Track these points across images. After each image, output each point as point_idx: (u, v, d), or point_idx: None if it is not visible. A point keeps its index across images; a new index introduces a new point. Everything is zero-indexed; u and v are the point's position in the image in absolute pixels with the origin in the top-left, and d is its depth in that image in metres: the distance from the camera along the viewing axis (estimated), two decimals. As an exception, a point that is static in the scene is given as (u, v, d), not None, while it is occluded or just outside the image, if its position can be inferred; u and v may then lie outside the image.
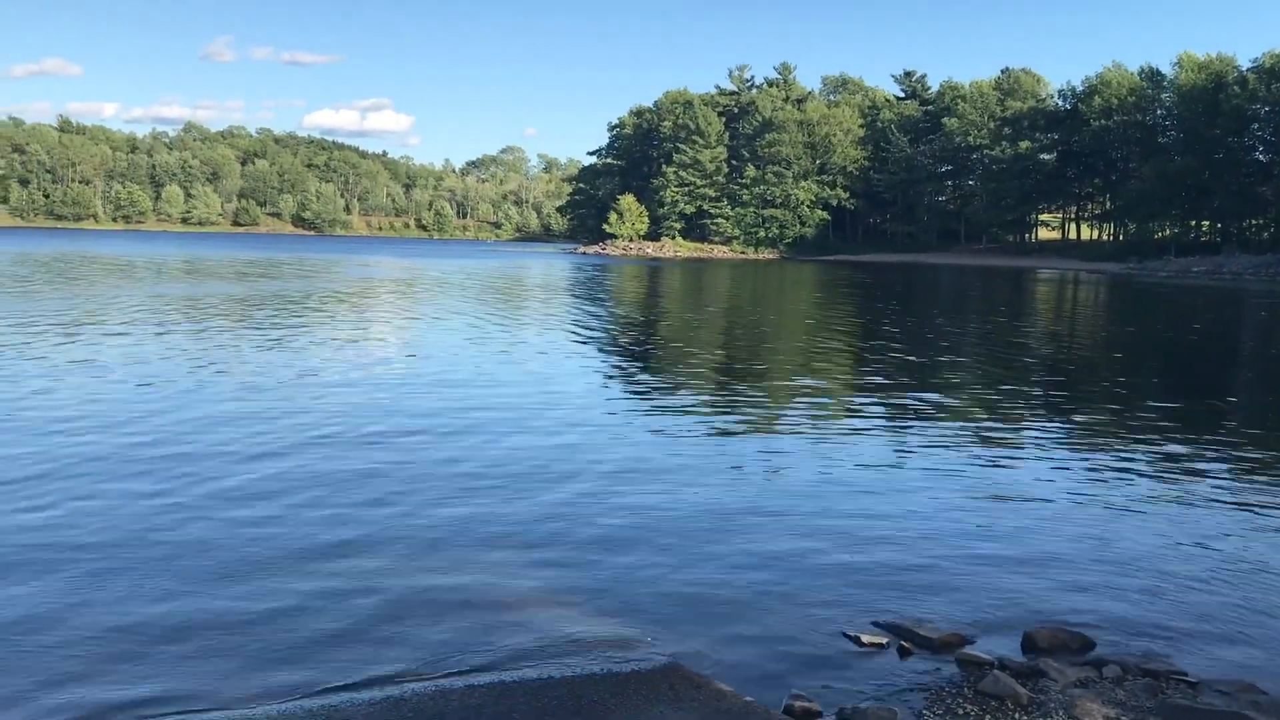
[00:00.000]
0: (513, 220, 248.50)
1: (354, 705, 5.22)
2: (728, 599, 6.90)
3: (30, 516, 8.22)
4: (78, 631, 6.06)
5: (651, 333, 27.96)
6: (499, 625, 6.31)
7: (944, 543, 8.32)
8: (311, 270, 58.35)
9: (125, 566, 7.13)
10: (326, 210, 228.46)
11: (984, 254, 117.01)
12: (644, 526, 8.48)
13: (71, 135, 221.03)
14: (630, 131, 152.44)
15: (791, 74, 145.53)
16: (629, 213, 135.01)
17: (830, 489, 10.01)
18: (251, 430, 11.83)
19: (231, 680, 5.49)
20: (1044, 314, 40.63)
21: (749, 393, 16.65)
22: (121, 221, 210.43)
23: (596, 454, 11.21)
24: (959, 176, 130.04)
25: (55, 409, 12.81)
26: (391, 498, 9.12)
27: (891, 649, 6.23)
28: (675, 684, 5.55)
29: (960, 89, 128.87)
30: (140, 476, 9.57)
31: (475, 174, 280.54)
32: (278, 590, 6.79)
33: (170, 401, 13.61)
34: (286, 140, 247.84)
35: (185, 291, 37.09)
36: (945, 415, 14.61)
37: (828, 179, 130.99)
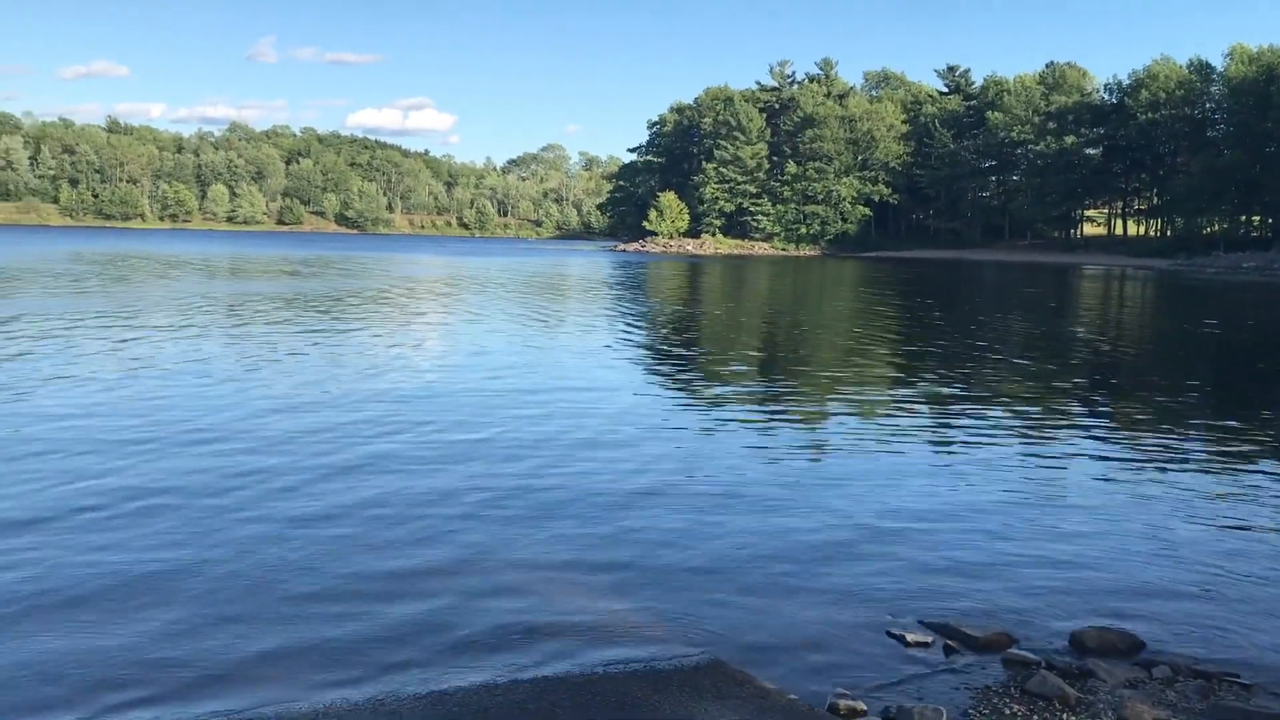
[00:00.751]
0: (553, 218, 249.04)
1: (399, 700, 5.25)
2: (771, 597, 6.87)
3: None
4: (166, 627, 6.14)
5: (695, 330, 27.92)
6: (542, 623, 6.33)
7: (989, 541, 8.24)
8: (360, 269, 58.83)
9: (193, 556, 7.23)
10: (369, 209, 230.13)
11: (1028, 250, 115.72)
12: (685, 524, 8.46)
13: (119, 136, 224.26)
14: (670, 128, 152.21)
15: (833, 69, 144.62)
16: (669, 210, 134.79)
17: (873, 487, 9.94)
18: (323, 430, 11.95)
19: (278, 677, 5.54)
20: (1090, 310, 40.13)
21: (791, 390, 16.59)
22: (168, 220, 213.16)
23: (637, 450, 11.21)
24: (1003, 172, 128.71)
25: (137, 405, 13.00)
26: (440, 496, 9.16)
27: (937, 648, 6.17)
28: (718, 681, 5.54)
29: (1004, 83, 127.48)
30: (217, 483, 9.70)
31: (516, 172, 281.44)
32: (325, 588, 6.84)
33: (232, 399, 13.78)
34: (330, 139, 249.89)
35: (243, 290, 37.55)
36: (990, 413, 14.46)
37: (870, 175, 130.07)
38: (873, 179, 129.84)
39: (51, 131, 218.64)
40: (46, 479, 9.27)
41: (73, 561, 7.15)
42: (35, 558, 7.19)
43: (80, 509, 8.37)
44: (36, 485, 9.05)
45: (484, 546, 7.73)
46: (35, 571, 6.93)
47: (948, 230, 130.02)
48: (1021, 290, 53.31)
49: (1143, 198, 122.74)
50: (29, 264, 51.23)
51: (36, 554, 7.26)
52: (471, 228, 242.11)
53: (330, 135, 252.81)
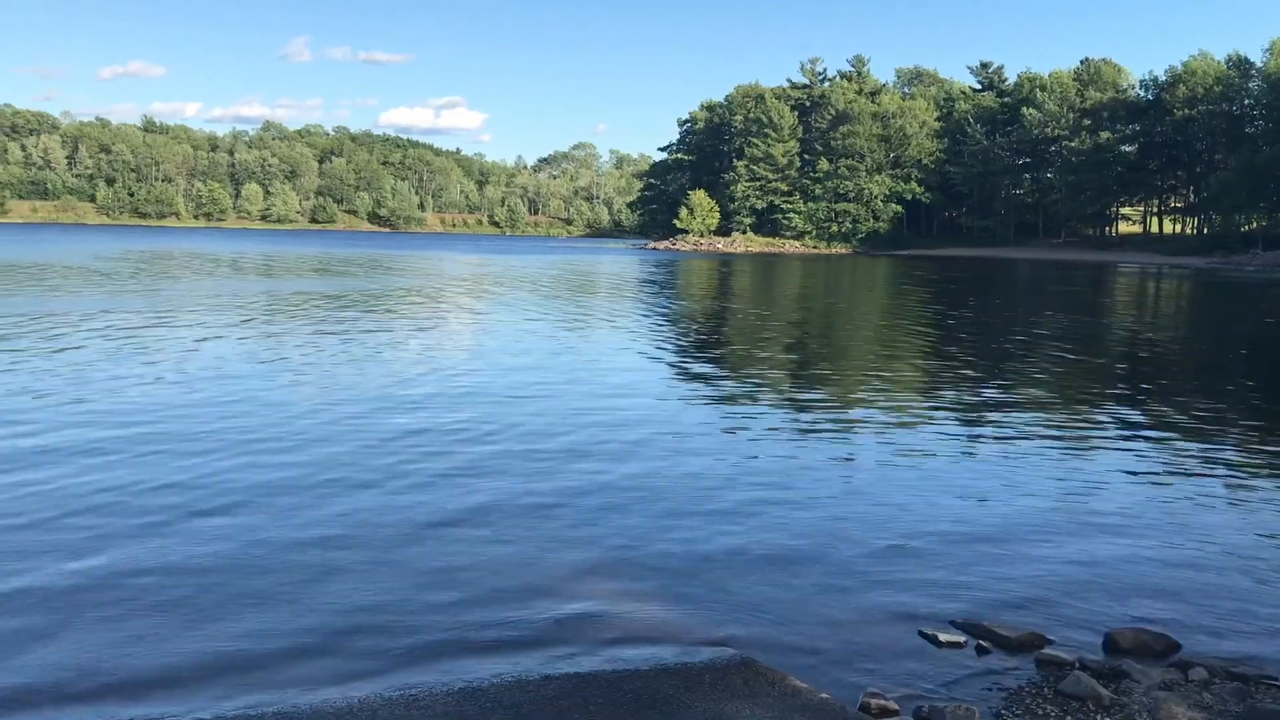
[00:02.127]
0: (584, 216, 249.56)
1: (433, 694, 5.29)
2: (803, 596, 6.87)
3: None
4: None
5: (727, 330, 27.91)
6: (574, 619, 6.35)
7: (1021, 540, 8.19)
8: (397, 267, 59.17)
9: (242, 547, 7.32)
10: (402, 207, 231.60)
11: (1062, 248, 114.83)
12: (717, 523, 8.46)
13: (155, 135, 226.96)
14: (701, 126, 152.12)
15: (865, 66, 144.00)
16: (699, 208, 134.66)
17: (905, 486, 9.90)
18: (367, 424, 12.06)
19: (310, 670, 5.60)
20: (1126, 309, 39.75)
21: (824, 388, 16.56)
22: (203, 219, 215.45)
23: (669, 449, 11.22)
24: (1037, 169, 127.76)
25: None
26: (466, 491, 9.21)
27: (969, 648, 6.14)
28: (749, 679, 5.54)
29: (1039, 79, 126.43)
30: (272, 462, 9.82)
31: (547, 170, 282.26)
32: (358, 582, 6.90)
33: (281, 397, 13.93)
34: (362, 138, 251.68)
35: (288, 287, 37.87)
36: (1022, 412, 14.36)
37: (902, 172, 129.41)
38: (905, 176, 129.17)
39: (89, 131, 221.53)
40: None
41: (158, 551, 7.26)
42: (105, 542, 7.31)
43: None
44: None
45: (515, 543, 7.76)
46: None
47: (981, 228, 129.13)
48: (1056, 289, 52.88)
49: (1179, 195, 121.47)
50: (84, 262, 51.91)
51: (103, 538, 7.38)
52: (502, 226, 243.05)
53: (363, 134, 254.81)
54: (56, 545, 7.43)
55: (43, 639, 5.87)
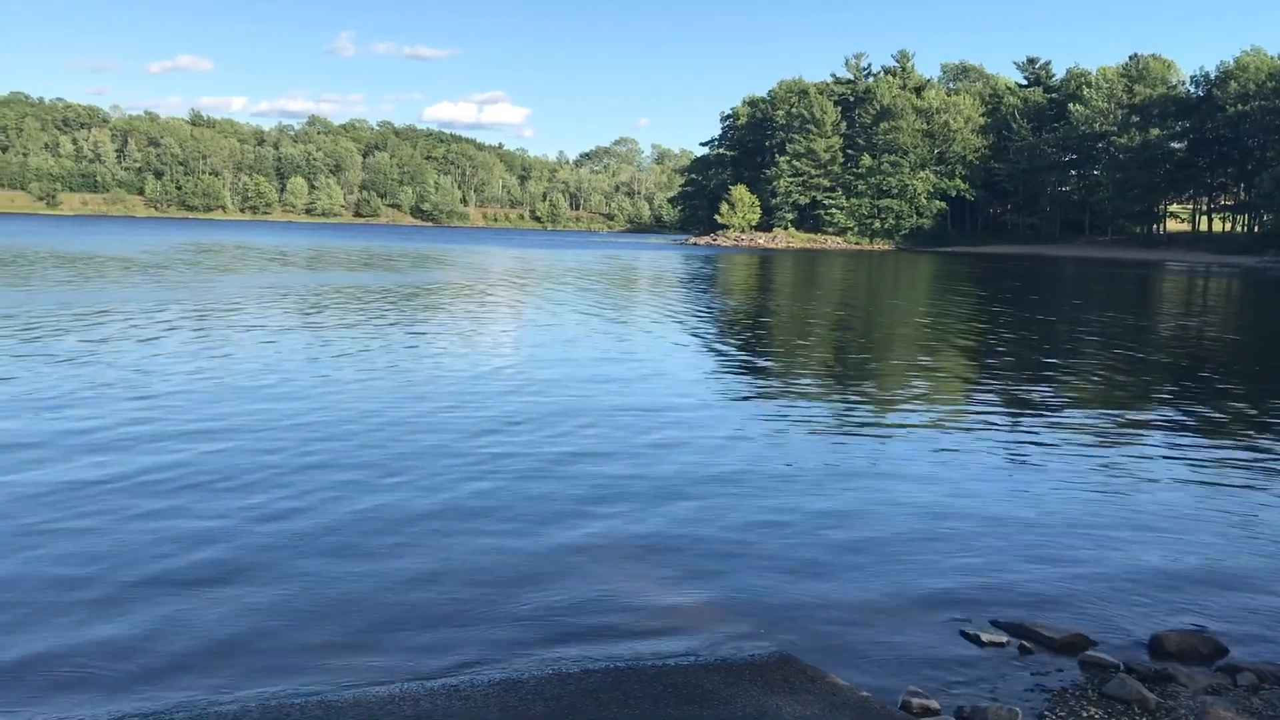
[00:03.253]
0: (625, 211, 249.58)
1: (474, 686, 5.33)
2: (843, 593, 6.84)
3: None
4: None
5: (768, 325, 27.83)
6: (614, 614, 6.37)
7: (1065, 539, 8.11)
8: (443, 262, 59.54)
9: (274, 544, 7.42)
10: (444, 202, 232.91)
11: (1109, 246, 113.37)
12: (757, 518, 8.45)
13: (202, 129, 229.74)
14: (744, 121, 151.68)
15: (910, 62, 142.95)
16: (741, 203, 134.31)
17: (947, 484, 9.83)
18: (411, 420, 12.17)
19: (354, 662, 5.66)
20: (1173, 308, 39.18)
21: (864, 386, 16.48)
22: (249, 212, 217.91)
23: (710, 449, 11.21)
24: (1084, 166, 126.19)
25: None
26: (507, 485, 9.26)
27: (1011, 648, 6.09)
28: (789, 675, 5.53)
29: (1086, 75, 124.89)
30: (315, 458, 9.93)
31: (588, 165, 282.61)
32: (401, 573, 6.96)
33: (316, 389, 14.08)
34: (406, 133, 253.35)
35: (343, 281, 38.25)
36: (1067, 411, 14.21)
37: (946, 168, 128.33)
38: (949, 173, 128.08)
39: (138, 125, 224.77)
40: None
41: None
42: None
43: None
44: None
45: (555, 536, 7.80)
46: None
47: (1026, 225, 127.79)
48: (1102, 287, 52.24)
49: (1229, 193, 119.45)
50: (141, 255, 52.72)
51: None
52: (544, 221, 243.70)
53: (406, 129, 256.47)
54: (121, 547, 7.56)
55: (103, 617, 5.99)
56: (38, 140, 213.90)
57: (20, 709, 5.01)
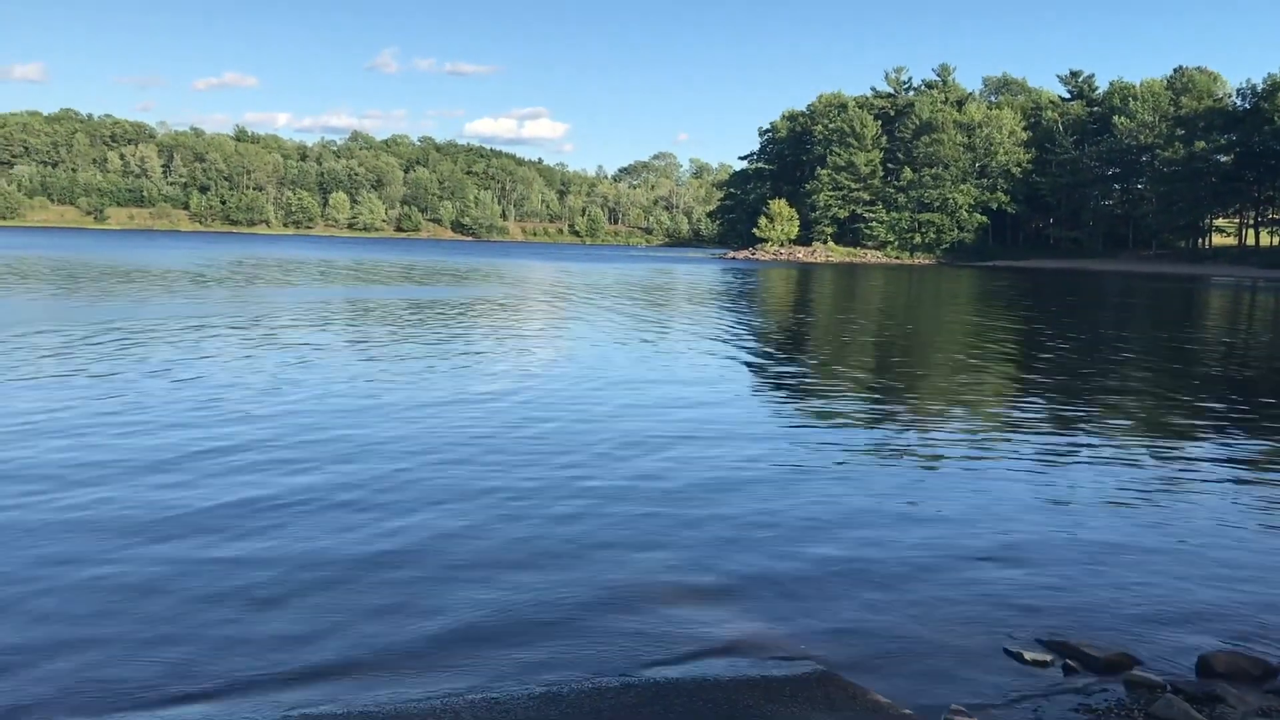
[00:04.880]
0: (663, 225, 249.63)
1: (514, 698, 5.35)
2: (885, 610, 6.80)
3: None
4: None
5: (811, 342, 27.75)
6: (653, 628, 6.37)
7: (1109, 557, 8.01)
8: (487, 276, 59.89)
9: (329, 548, 7.49)
10: (484, 216, 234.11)
11: (1153, 261, 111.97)
12: (796, 534, 8.42)
13: (247, 144, 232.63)
14: (783, 135, 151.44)
15: (951, 75, 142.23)
16: (780, 217, 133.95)
17: (988, 501, 9.74)
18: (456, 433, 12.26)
19: (395, 670, 5.69)
20: (1219, 324, 38.62)
21: (904, 403, 16.39)
22: (291, 226, 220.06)
23: (746, 459, 11.19)
24: (1127, 179, 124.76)
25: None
26: (551, 501, 9.29)
27: (1056, 667, 6.02)
28: (830, 692, 5.50)
29: (1130, 88, 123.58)
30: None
31: (627, 180, 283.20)
32: (443, 584, 7.00)
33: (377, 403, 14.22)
34: (447, 148, 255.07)
35: (391, 295, 38.62)
36: (1111, 431, 14.04)
37: (987, 182, 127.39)
38: (990, 186, 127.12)
39: (183, 140, 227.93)
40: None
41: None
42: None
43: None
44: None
45: (595, 551, 7.81)
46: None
47: (1068, 239, 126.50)
48: (1146, 302, 51.61)
49: (1277, 206, 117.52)
50: (197, 268, 53.51)
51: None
52: (583, 235, 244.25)
53: (447, 144, 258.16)
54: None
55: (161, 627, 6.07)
56: (86, 156, 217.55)
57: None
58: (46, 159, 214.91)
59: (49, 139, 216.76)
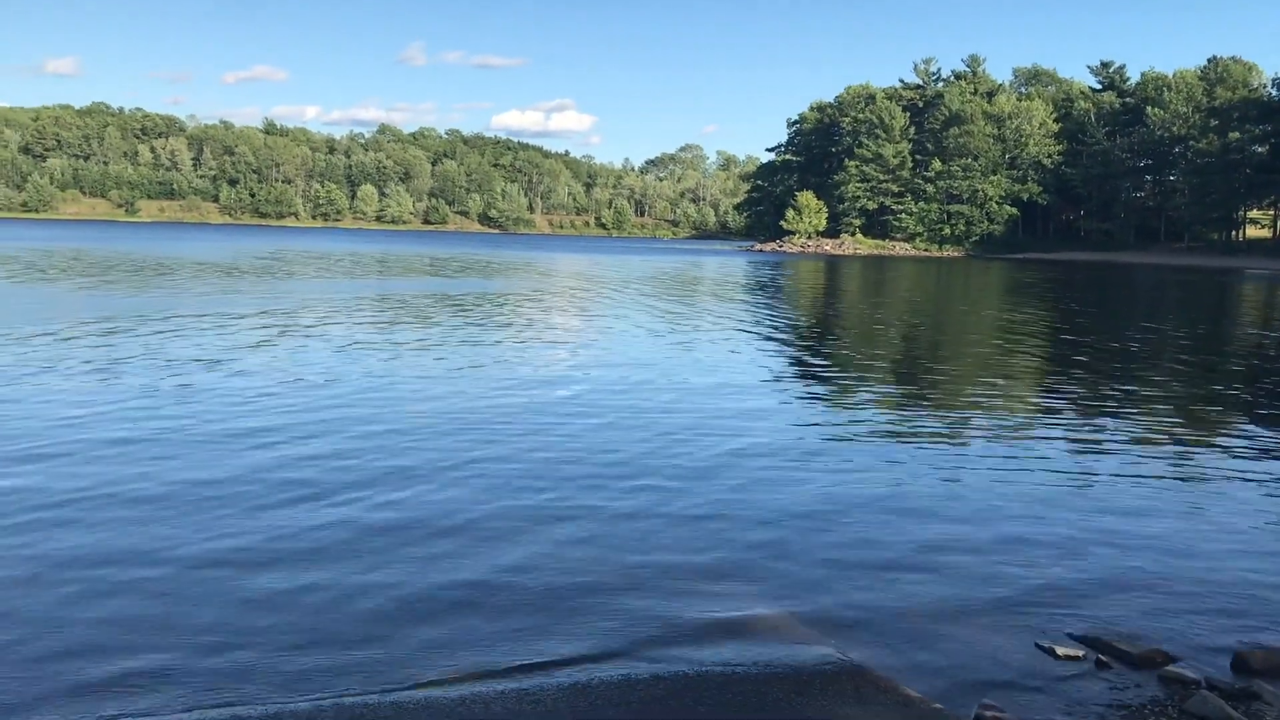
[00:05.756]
0: (690, 218, 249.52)
1: (543, 688, 5.36)
2: (914, 605, 6.75)
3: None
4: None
5: (838, 334, 27.65)
6: (683, 621, 6.35)
7: (1142, 552, 7.93)
8: (515, 268, 60.04)
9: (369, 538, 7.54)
10: (511, 209, 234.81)
11: (1185, 253, 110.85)
12: (825, 529, 8.38)
13: (276, 137, 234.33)
14: (810, 127, 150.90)
15: (980, 66, 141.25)
16: (807, 209, 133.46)
17: (1020, 496, 9.66)
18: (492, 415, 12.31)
19: (426, 658, 5.71)
20: (1253, 317, 38.19)
21: (933, 396, 16.30)
22: (320, 219, 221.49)
23: (776, 453, 11.16)
24: (1160, 171, 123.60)
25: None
26: (580, 491, 9.30)
27: (1088, 662, 5.96)
28: (860, 686, 5.48)
29: (1163, 79, 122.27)
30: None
31: (654, 172, 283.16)
32: (473, 575, 7.02)
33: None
34: (474, 141, 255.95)
35: (421, 288, 38.82)
36: (1143, 424, 13.90)
37: (1018, 173, 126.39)
38: (1021, 178, 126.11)
39: (213, 134, 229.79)
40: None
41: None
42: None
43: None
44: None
45: (624, 542, 7.81)
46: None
47: (1099, 231, 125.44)
48: (1179, 295, 51.10)
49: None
50: (236, 260, 53.96)
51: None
52: (609, 227, 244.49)
53: (475, 137, 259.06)
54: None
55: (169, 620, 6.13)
56: (118, 149, 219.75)
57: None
58: (79, 152, 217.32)
59: (81, 132, 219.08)
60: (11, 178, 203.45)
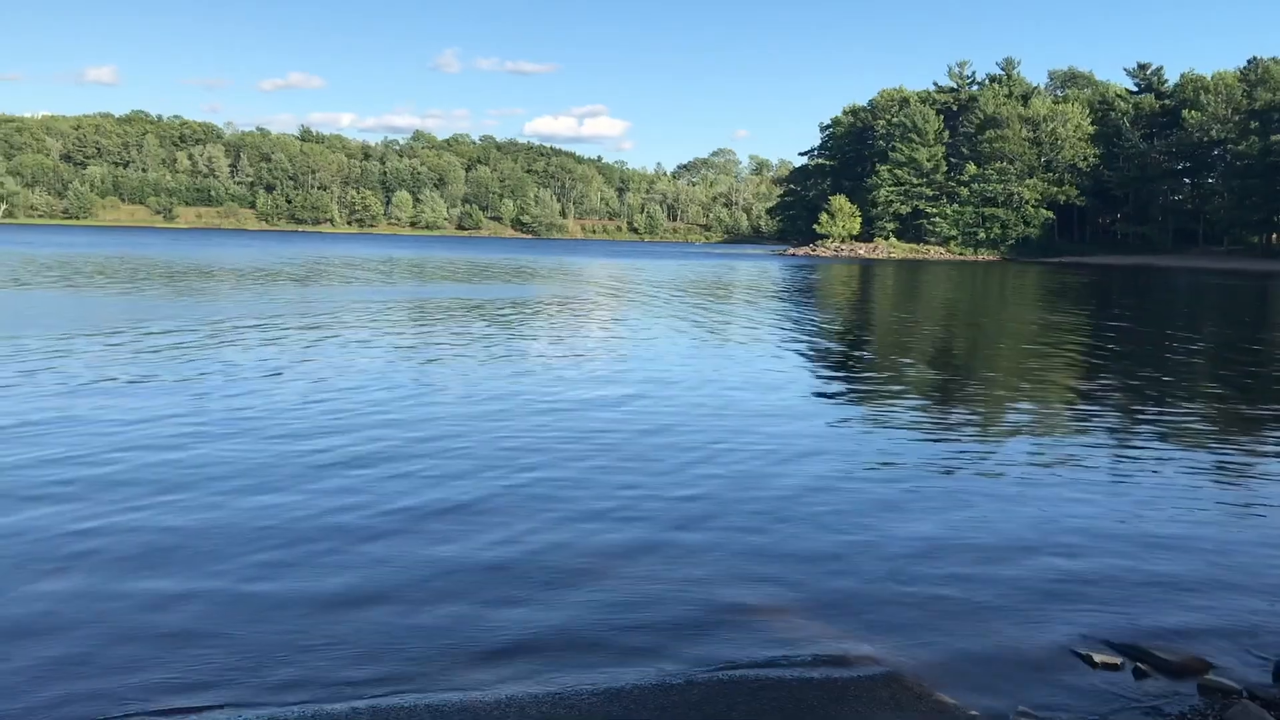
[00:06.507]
0: (722, 222, 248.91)
1: (578, 693, 5.39)
2: (950, 612, 6.73)
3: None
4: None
5: (879, 340, 27.54)
6: (716, 627, 6.36)
7: (1180, 561, 7.85)
8: (551, 274, 60.24)
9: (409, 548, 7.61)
10: (544, 214, 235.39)
11: (1224, 257, 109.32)
12: (860, 534, 8.37)
13: (311, 144, 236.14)
14: (843, 131, 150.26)
15: (1015, 69, 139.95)
16: (841, 213, 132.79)
17: (1056, 503, 9.60)
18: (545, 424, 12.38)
19: (461, 665, 5.76)
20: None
21: (969, 401, 16.22)
22: (355, 225, 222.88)
23: (809, 458, 11.15)
24: (1198, 174, 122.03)
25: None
26: (618, 498, 9.33)
27: (1126, 670, 5.92)
28: (896, 693, 5.47)
29: (1202, 81, 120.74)
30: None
31: (686, 177, 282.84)
32: (510, 581, 7.07)
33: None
34: (508, 147, 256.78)
35: (464, 294, 39.06)
36: (1182, 431, 13.76)
37: (1053, 176, 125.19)
38: (1057, 180, 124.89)
39: (250, 140, 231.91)
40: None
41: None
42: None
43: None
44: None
45: (661, 550, 7.83)
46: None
47: (1136, 235, 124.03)
48: (1218, 300, 50.47)
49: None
50: (280, 266, 54.53)
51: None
52: (641, 232, 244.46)
53: (508, 143, 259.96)
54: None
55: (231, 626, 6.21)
56: (156, 156, 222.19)
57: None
58: (118, 159, 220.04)
59: (120, 140, 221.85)
60: (53, 185, 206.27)
